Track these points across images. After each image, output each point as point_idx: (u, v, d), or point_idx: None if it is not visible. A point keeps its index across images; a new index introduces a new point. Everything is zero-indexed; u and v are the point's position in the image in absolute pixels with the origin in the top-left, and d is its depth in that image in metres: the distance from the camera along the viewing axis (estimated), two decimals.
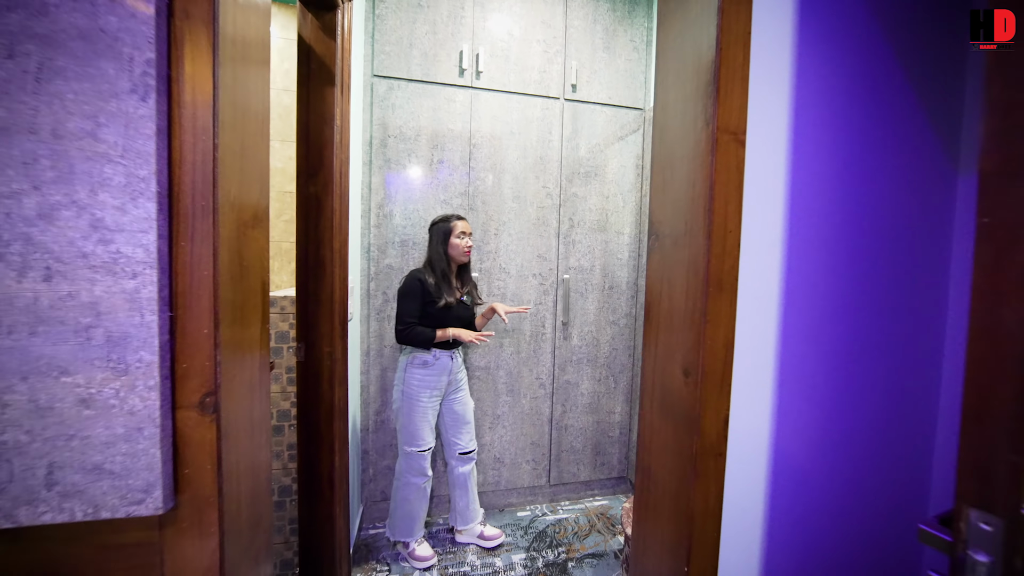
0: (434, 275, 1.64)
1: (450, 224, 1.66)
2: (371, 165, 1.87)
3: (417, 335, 1.59)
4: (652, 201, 0.91)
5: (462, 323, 1.71)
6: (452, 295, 1.65)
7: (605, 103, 2.14)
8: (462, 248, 1.66)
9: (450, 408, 1.74)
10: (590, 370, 2.23)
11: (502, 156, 2.02)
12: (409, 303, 1.60)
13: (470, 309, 1.75)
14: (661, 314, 0.87)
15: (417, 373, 1.64)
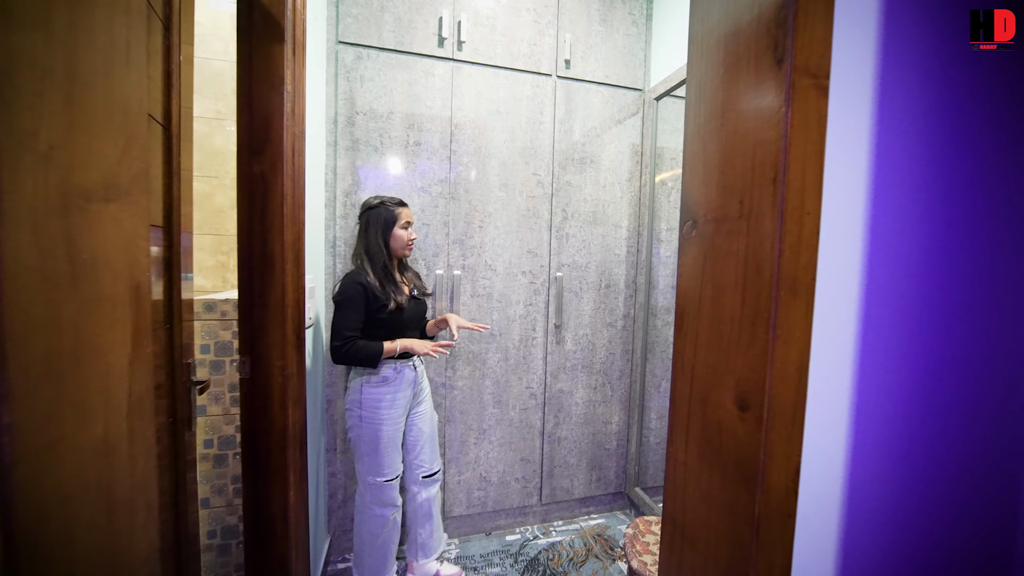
0: (375, 274, 1.38)
1: (394, 212, 1.40)
2: (336, 146, 1.61)
3: (360, 352, 1.33)
4: (687, 177, 0.70)
5: (418, 324, 1.50)
6: (402, 293, 1.41)
7: (601, 82, 1.93)
8: (406, 241, 1.43)
9: (413, 424, 1.51)
10: (585, 377, 2.03)
11: (487, 139, 1.80)
12: (348, 313, 1.34)
13: (423, 304, 1.53)
14: (702, 325, 0.66)
15: (377, 392, 1.40)
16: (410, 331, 1.47)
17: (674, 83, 1.81)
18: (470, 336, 1.83)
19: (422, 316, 1.52)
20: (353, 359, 1.34)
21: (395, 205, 1.41)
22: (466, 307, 1.81)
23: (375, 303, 1.36)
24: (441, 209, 1.75)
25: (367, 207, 1.41)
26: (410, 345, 1.40)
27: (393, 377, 1.41)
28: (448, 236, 1.77)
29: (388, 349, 1.37)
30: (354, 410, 1.40)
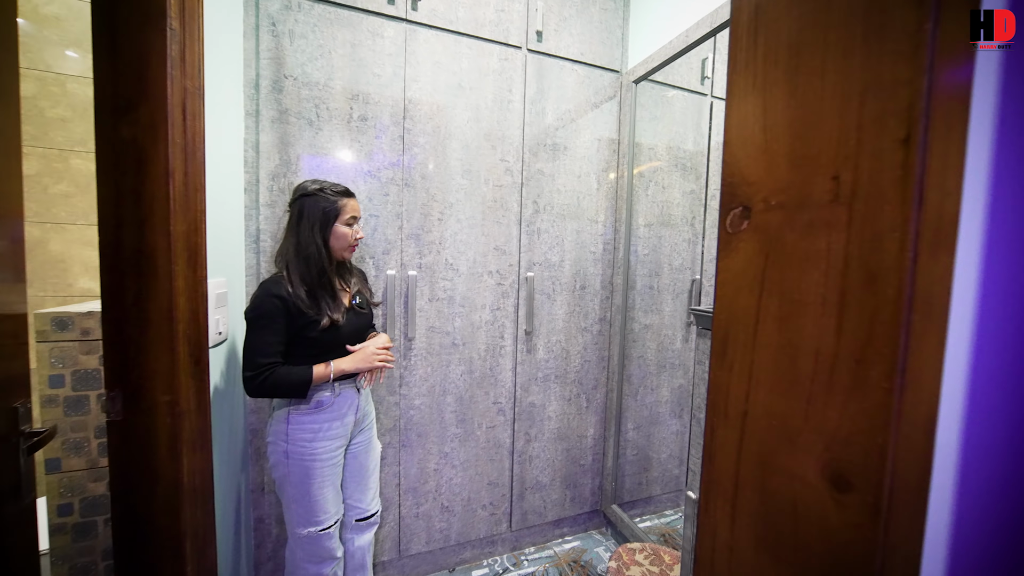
0: (306, 281, 1.09)
1: (336, 204, 1.11)
2: (259, 116, 1.30)
3: (281, 382, 1.05)
4: (733, 145, 0.50)
5: (359, 337, 1.21)
6: (339, 307, 1.13)
7: (576, 60, 1.73)
8: (349, 240, 1.15)
9: (352, 457, 1.24)
10: (558, 388, 1.83)
11: (448, 117, 1.54)
12: (263, 334, 1.05)
13: (367, 314, 1.25)
14: (760, 357, 0.47)
15: (309, 421, 1.12)
16: (348, 350, 1.20)
17: (655, 64, 1.65)
18: (428, 347, 1.58)
19: (366, 329, 1.25)
20: (272, 391, 1.06)
21: (338, 195, 1.12)
22: (424, 313, 1.56)
23: (301, 319, 1.07)
24: (393, 198, 1.48)
25: (301, 194, 1.11)
26: (348, 366, 1.13)
27: (330, 402, 1.14)
28: (402, 230, 1.50)
29: (319, 375, 1.09)
30: (279, 444, 1.12)
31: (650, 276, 1.94)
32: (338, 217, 1.12)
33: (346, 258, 1.19)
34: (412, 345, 1.55)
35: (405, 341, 1.53)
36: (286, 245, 1.12)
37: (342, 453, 1.19)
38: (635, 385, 1.95)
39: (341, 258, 1.18)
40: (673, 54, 1.56)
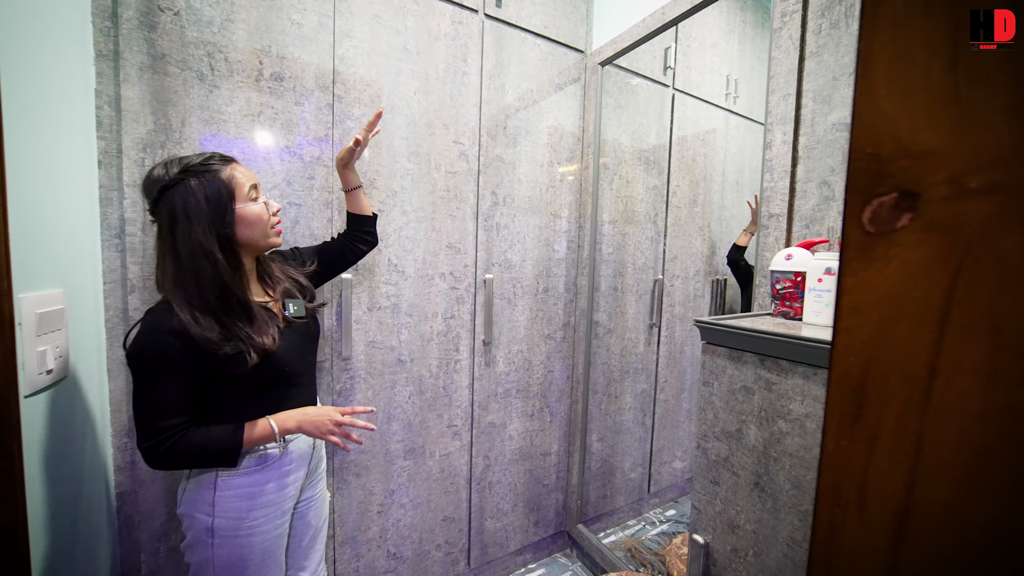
0: (207, 305, 0.76)
1: (222, 177, 0.78)
2: (118, 60, 0.93)
3: (196, 451, 0.75)
4: (879, 98, 0.33)
5: (305, 359, 0.91)
6: (268, 328, 0.82)
7: (539, 34, 1.53)
8: (266, 220, 0.83)
9: (299, 517, 0.95)
10: (520, 403, 1.63)
11: (391, 86, 1.27)
12: (161, 389, 0.74)
13: (312, 324, 0.96)
14: (940, 430, 0.29)
15: (247, 486, 0.81)
16: (295, 381, 0.89)
17: (623, 46, 1.50)
18: (368, 366, 1.30)
19: (310, 344, 0.95)
20: (185, 462, 0.76)
21: (219, 164, 0.79)
22: (362, 325, 1.28)
23: (213, 359, 0.76)
24: (320, 183, 1.18)
25: (160, 187, 0.75)
26: (292, 426, 0.83)
27: (276, 457, 0.84)
28: (332, 223, 1.21)
29: (254, 439, 0.80)
30: (199, 517, 0.79)
31: (614, 276, 1.81)
32: (234, 195, 0.78)
33: (274, 246, 0.88)
34: (348, 366, 1.26)
35: (339, 361, 1.24)
36: (166, 262, 0.76)
37: (289, 519, 0.89)
38: (599, 393, 1.82)
39: (267, 247, 0.87)
40: (644, 35, 1.42)
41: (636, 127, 1.81)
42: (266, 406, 0.84)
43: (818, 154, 0.96)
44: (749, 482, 0.77)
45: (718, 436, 0.83)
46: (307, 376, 0.93)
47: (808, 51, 0.97)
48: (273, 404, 0.85)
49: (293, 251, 1.04)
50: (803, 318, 0.87)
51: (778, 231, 1.01)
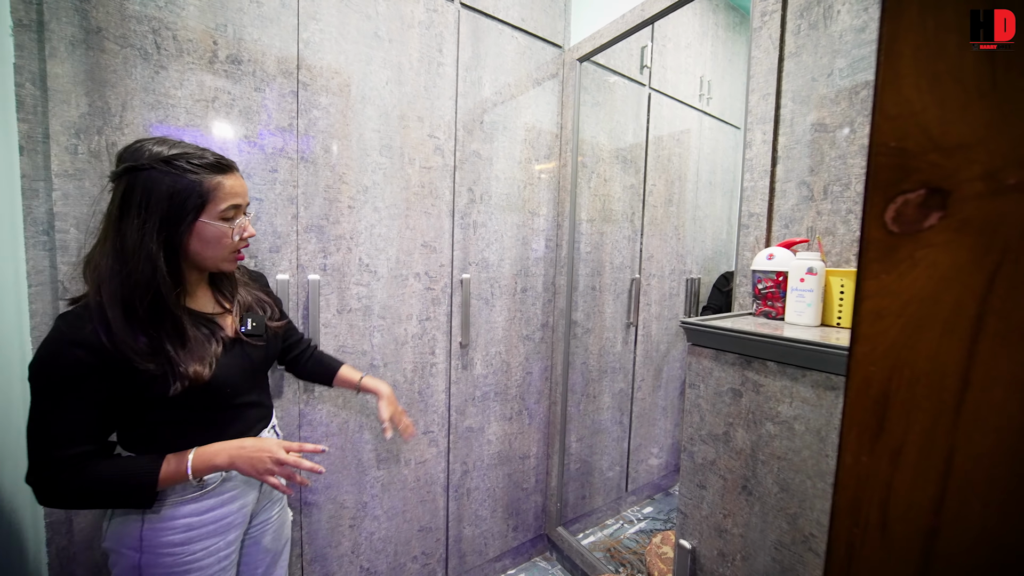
0: (134, 318, 0.66)
1: (201, 184, 0.68)
2: (42, 31, 0.82)
3: (95, 489, 0.64)
4: (894, 87, 0.30)
5: (252, 384, 0.82)
6: (202, 356, 0.71)
7: (517, 26, 1.49)
8: (231, 244, 0.73)
9: (253, 543, 0.86)
10: (498, 406, 1.59)
11: (361, 74, 1.19)
12: (60, 411, 0.62)
13: (272, 343, 0.86)
14: (973, 446, 0.27)
15: (182, 516, 0.72)
16: (241, 403, 0.80)
17: (602, 42, 1.47)
18: None
19: (268, 361, 0.86)
20: (81, 501, 0.65)
21: (205, 168, 0.68)
22: (331, 329, 1.20)
23: (135, 378, 0.66)
24: (284, 176, 1.10)
25: (131, 163, 0.65)
26: (223, 462, 0.71)
27: (216, 481, 0.75)
28: (297, 219, 1.12)
29: (172, 476, 0.69)
30: (125, 554, 0.69)
31: (592, 276, 1.80)
32: (205, 208, 0.69)
33: (224, 271, 0.78)
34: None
35: None
36: (101, 250, 0.66)
37: (237, 549, 0.81)
38: (578, 394, 1.80)
39: (215, 271, 0.78)
40: (623, 31, 1.40)
41: (613, 125, 1.80)
42: (211, 429, 0.75)
43: (797, 154, 0.96)
44: (736, 485, 0.76)
45: (704, 439, 0.82)
46: (257, 395, 0.84)
47: (787, 51, 0.97)
48: (219, 426, 0.76)
49: (260, 276, 0.96)
50: (785, 318, 0.87)
51: (758, 231, 1.01)
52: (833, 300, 0.83)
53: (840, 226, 0.89)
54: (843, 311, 0.82)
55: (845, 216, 0.89)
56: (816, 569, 0.66)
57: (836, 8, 0.90)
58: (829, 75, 0.91)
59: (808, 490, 0.66)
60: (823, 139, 0.92)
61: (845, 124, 0.89)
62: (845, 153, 0.88)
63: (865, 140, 0.86)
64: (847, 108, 0.88)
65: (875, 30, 0.84)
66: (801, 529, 0.67)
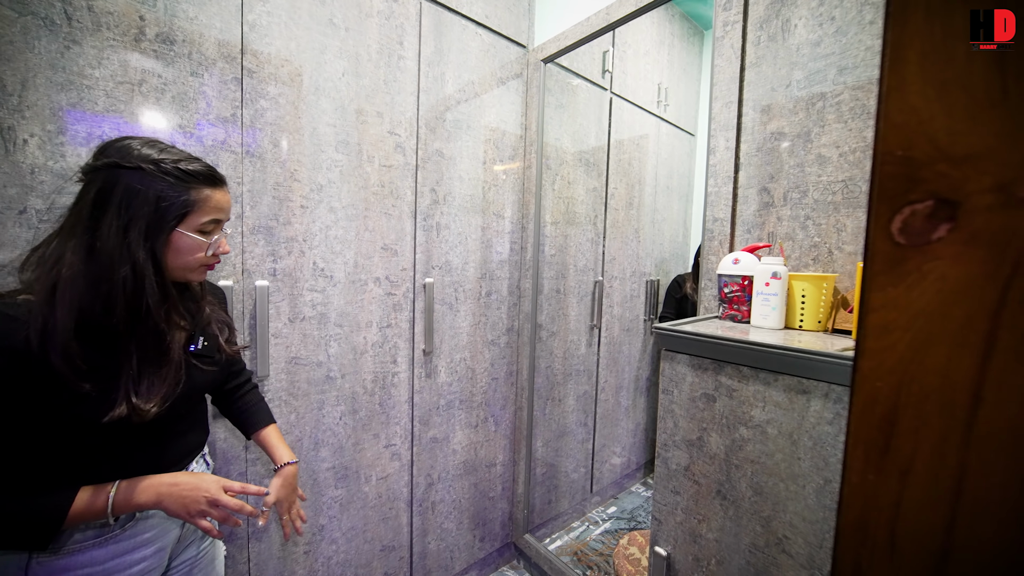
0: (108, 319, 0.58)
1: (188, 194, 0.62)
2: None
3: None
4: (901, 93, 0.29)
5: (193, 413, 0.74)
6: (167, 385, 0.63)
7: (481, 23, 1.45)
8: (202, 259, 0.66)
9: None
10: (464, 414, 1.54)
11: (316, 64, 1.10)
12: None
13: (214, 371, 0.75)
14: (984, 464, 0.27)
15: (77, 567, 0.60)
16: (174, 429, 0.70)
17: (567, 44, 1.47)
18: (290, 386, 1.12)
19: (210, 386, 0.76)
20: None
21: (199, 180, 0.63)
22: (282, 339, 1.10)
23: (62, 394, 0.56)
24: (226, 172, 0.99)
25: (116, 160, 0.58)
26: (148, 500, 0.62)
27: (128, 520, 0.65)
28: (242, 220, 1.02)
29: (84, 513, 0.59)
30: None
31: (557, 279, 1.79)
32: (186, 218, 0.62)
33: (191, 280, 0.70)
34: (264, 387, 1.07)
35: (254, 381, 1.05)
36: (63, 246, 0.57)
37: None
38: (543, 398, 1.78)
39: (182, 280, 0.69)
40: (588, 34, 1.40)
41: (576, 128, 1.80)
42: (130, 460, 0.65)
43: (758, 161, 0.99)
44: (711, 490, 0.77)
45: (678, 445, 0.81)
46: (191, 423, 0.75)
47: (748, 61, 1.00)
48: (141, 457, 0.66)
49: (220, 291, 0.86)
50: (751, 321, 0.89)
51: (722, 235, 1.04)
52: (795, 303, 0.86)
53: (799, 231, 0.93)
54: (804, 314, 0.85)
55: (803, 222, 0.92)
56: (789, 570, 0.67)
57: (793, 22, 0.93)
58: (787, 86, 0.94)
59: (781, 493, 0.67)
60: (782, 147, 0.95)
61: (803, 134, 0.92)
62: (803, 162, 0.92)
63: (821, 150, 0.89)
64: (804, 118, 0.92)
65: (829, 45, 0.88)
66: (774, 531, 0.68)
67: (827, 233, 0.89)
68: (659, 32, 2.12)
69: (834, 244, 0.88)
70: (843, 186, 0.87)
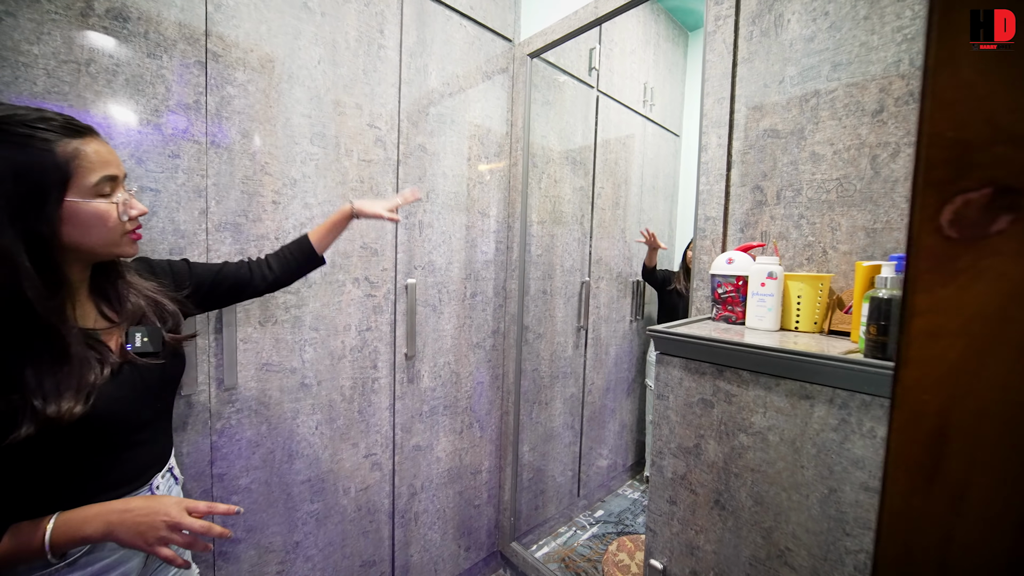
0: None
1: (60, 151, 0.51)
2: None
3: None
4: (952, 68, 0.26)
5: (137, 420, 0.63)
6: (80, 383, 0.54)
7: (465, 14, 1.40)
8: (116, 226, 0.57)
9: None
10: (448, 420, 1.48)
11: (289, 50, 1.03)
12: None
13: (174, 360, 0.69)
14: None
15: None
16: (130, 440, 0.63)
17: (554, 38, 1.43)
18: (260, 395, 1.05)
19: (168, 385, 0.69)
20: None
21: (56, 134, 0.52)
22: (252, 345, 1.02)
23: None
24: (187, 164, 0.91)
25: None
26: (97, 532, 0.54)
27: (84, 550, 0.57)
28: (207, 215, 0.94)
29: (17, 552, 0.52)
30: None
31: (543, 279, 1.75)
32: (69, 184, 0.53)
33: (124, 256, 0.62)
34: (232, 397, 1.00)
35: (219, 392, 0.98)
36: None
37: None
38: (530, 402, 1.74)
39: (113, 258, 0.62)
40: (576, 28, 1.36)
41: (563, 126, 1.76)
42: (81, 482, 0.57)
43: (751, 159, 0.97)
44: (709, 500, 0.73)
45: (674, 452, 0.78)
46: (152, 431, 0.67)
47: (740, 56, 0.98)
48: (93, 476, 0.59)
49: (166, 265, 0.76)
50: (746, 322, 0.87)
51: (714, 234, 1.01)
52: (791, 304, 0.83)
53: (793, 231, 0.91)
54: (800, 315, 0.82)
55: (797, 221, 0.90)
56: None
57: (786, 17, 0.91)
58: (781, 82, 0.92)
59: (783, 503, 0.64)
60: (775, 145, 0.93)
61: (796, 131, 0.90)
62: (796, 159, 0.90)
63: (815, 148, 0.88)
64: (798, 115, 0.90)
65: (823, 41, 0.87)
66: (776, 543, 0.65)
67: (821, 232, 0.87)
68: (645, 31, 2.11)
69: (828, 243, 0.86)
70: (837, 184, 0.85)
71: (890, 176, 0.79)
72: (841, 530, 0.59)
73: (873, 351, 0.58)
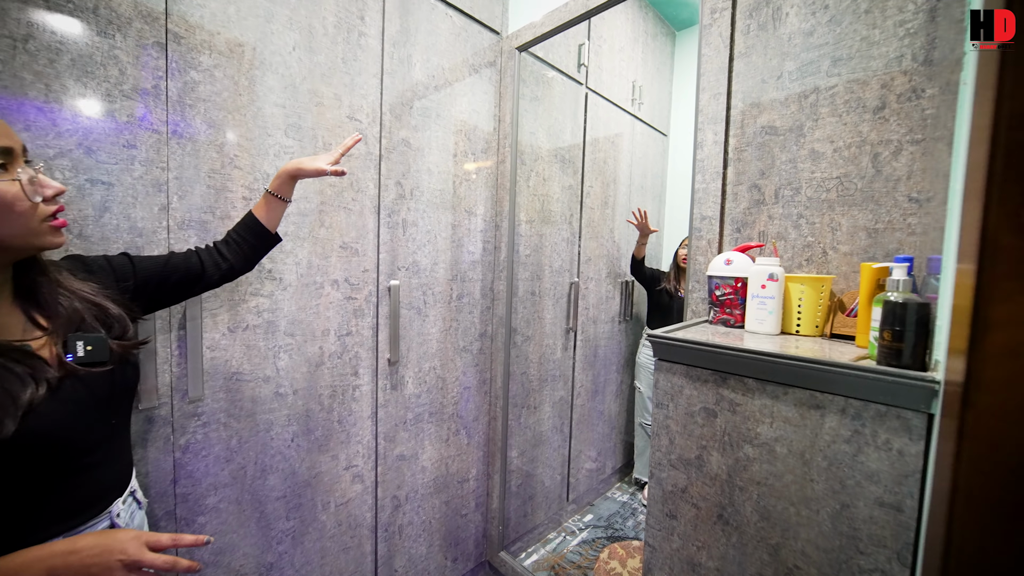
0: None
1: None
2: None
3: None
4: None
5: (89, 436, 0.56)
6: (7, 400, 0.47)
7: (451, 3, 1.34)
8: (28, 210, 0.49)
9: None
10: (433, 428, 1.42)
11: (261, 35, 0.96)
12: None
13: (124, 368, 0.61)
14: None
15: None
16: (79, 464, 0.56)
17: (543, 31, 1.38)
18: (230, 406, 0.97)
19: (120, 397, 0.62)
20: None
21: None
22: (220, 352, 0.94)
23: None
24: (146, 155, 0.83)
25: None
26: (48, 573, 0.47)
27: None
28: (168, 212, 0.86)
29: None
30: None
31: (532, 280, 1.70)
32: None
33: (46, 248, 0.54)
34: (198, 410, 0.92)
35: (183, 405, 0.90)
36: None
37: None
38: (518, 406, 1.69)
39: (33, 252, 0.53)
40: (565, 21, 1.31)
41: (552, 122, 1.72)
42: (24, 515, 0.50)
43: (748, 156, 0.94)
44: (711, 515, 0.70)
45: (675, 464, 0.74)
46: (107, 449, 0.60)
47: (737, 51, 0.95)
48: (40, 507, 0.52)
49: (103, 261, 0.67)
50: (745, 326, 0.83)
51: (711, 234, 0.98)
52: (792, 307, 0.80)
53: (791, 231, 0.88)
54: (802, 319, 0.80)
55: (796, 221, 0.87)
56: None
57: (785, 10, 0.88)
58: (779, 78, 0.89)
59: (791, 518, 0.61)
60: (774, 142, 0.90)
61: (795, 128, 0.87)
62: (795, 157, 0.87)
63: (815, 145, 0.85)
64: (797, 111, 0.87)
65: (823, 35, 0.84)
66: (784, 561, 0.62)
67: (821, 232, 0.84)
68: (633, 29, 2.08)
69: (828, 244, 0.84)
70: (838, 183, 0.82)
71: (892, 175, 0.77)
72: (854, 548, 0.55)
73: (887, 358, 0.54)
